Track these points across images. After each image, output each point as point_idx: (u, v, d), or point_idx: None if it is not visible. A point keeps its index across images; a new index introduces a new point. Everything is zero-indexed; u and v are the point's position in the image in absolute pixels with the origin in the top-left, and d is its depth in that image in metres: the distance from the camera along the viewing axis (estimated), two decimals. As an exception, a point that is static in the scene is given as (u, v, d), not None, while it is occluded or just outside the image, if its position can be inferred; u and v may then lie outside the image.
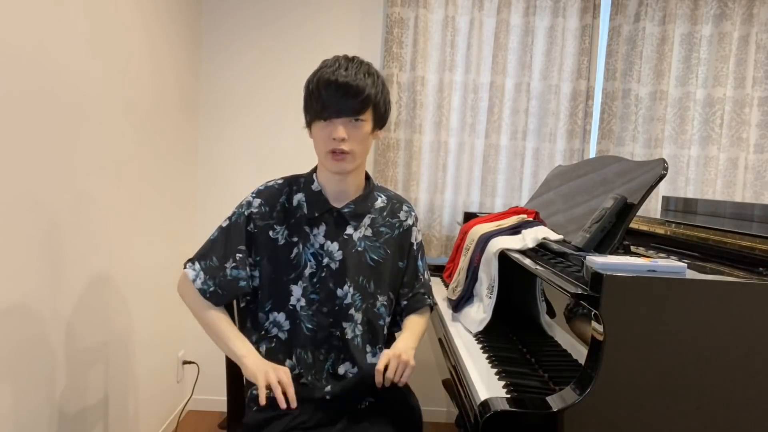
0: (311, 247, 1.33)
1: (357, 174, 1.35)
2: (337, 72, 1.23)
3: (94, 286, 1.76)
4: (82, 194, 1.65)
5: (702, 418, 0.99)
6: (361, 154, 1.30)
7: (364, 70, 1.27)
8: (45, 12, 1.42)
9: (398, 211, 1.43)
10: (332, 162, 1.27)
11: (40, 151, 1.44)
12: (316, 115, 1.26)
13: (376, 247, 1.37)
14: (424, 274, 1.48)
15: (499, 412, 0.98)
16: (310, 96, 1.27)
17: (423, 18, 2.53)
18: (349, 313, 1.32)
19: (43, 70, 1.43)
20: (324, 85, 1.23)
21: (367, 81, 1.25)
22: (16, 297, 1.38)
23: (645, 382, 0.98)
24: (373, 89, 1.26)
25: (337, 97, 1.22)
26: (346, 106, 1.23)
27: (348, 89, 1.22)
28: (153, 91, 2.12)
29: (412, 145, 2.57)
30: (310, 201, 1.34)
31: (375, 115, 1.29)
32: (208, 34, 2.62)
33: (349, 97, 1.23)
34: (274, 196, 1.36)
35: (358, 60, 1.29)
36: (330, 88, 1.23)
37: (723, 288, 0.99)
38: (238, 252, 1.32)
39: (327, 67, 1.26)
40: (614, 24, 2.57)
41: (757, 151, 2.61)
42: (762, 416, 0.99)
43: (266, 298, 1.33)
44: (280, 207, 1.35)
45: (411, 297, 1.45)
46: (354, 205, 1.35)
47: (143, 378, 2.17)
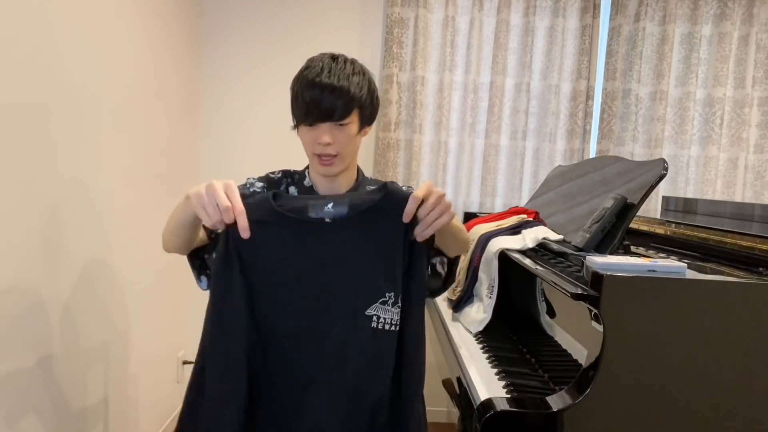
0: None
1: (348, 172, 1.35)
2: (320, 75, 1.19)
3: (94, 286, 1.76)
4: (83, 194, 1.65)
5: (702, 418, 0.99)
6: (348, 155, 1.28)
7: (348, 70, 1.22)
8: (45, 12, 1.42)
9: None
10: (320, 166, 1.27)
11: (40, 153, 1.44)
12: (300, 119, 1.24)
13: None
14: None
15: (499, 412, 0.98)
16: (295, 99, 1.24)
17: (423, 18, 2.53)
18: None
19: (43, 69, 1.43)
20: (306, 88, 1.20)
21: (352, 81, 1.21)
22: (16, 297, 1.38)
23: (645, 382, 0.98)
24: (357, 89, 1.22)
25: (320, 102, 1.18)
26: (329, 111, 1.19)
27: (331, 93, 1.18)
28: (153, 90, 2.12)
29: (412, 145, 2.57)
30: (302, 195, 1.35)
31: (361, 114, 1.26)
32: (208, 34, 2.62)
33: (331, 102, 1.18)
34: (274, 183, 1.36)
35: (342, 58, 1.25)
36: (313, 92, 1.18)
37: (723, 288, 0.99)
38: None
39: (310, 69, 1.22)
40: (614, 24, 2.57)
41: (757, 151, 2.61)
42: (762, 416, 0.99)
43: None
44: None
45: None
46: None
47: (143, 378, 2.17)
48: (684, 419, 0.99)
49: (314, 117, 1.21)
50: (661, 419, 0.98)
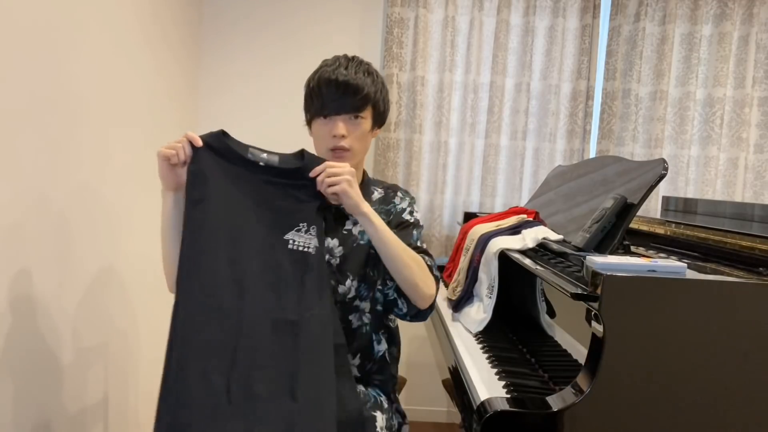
0: None
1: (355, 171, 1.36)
2: (337, 71, 1.26)
3: (94, 286, 1.76)
4: (84, 195, 1.65)
5: (702, 418, 0.99)
6: (360, 152, 1.32)
7: (364, 69, 1.30)
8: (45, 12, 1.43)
9: (393, 197, 1.41)
10: (332, 160, 1.28)
11: (41, 155, 1.44)
12: (316, 112, 1.29)
13: None
14: (419, 242, 1.36)
15: (499, 412, 0.98)
16: (311, 94, 1.30)
17: (423, 18, 2.53)
18: (355, 305, 1.32)
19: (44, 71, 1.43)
20: (324, 83, 1.26)
21: (367, 80, 1.28)
22: (17, 297, 1.38)
23: (645, 382, 0.98)
24: (373, 87, 1.29)
25: (337, 94, 1.25)
26: (346, 103, 1.26)
27: (348, 87, 1.25)
28: (153, 90, 2.11)
29: (412, 145, 2.57)
30: None
31: (374, 113, 1.32)
32: (208, 35, 2.62)
33: (348, 95, 1.26)
34: None
35: (357, 59, 1.32)
36: (330, 86, 1.26)
37: (723, 288, 0.99)
38: None
39: (327, 66, 1.29)
40: (614, 24, 2.57)
41: (757, 151, 2.61)
42: (762, 416, 0.99)
43: None
44: None
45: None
46: None
47: (143, 378, 2.17)
48: (684, 419, 0.99)
49: (331, 109, 1.26)
50: (661, 419, 0.98)
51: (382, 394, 1.38)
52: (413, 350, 2.70)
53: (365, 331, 1.34)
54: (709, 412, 0.99)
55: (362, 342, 1.34)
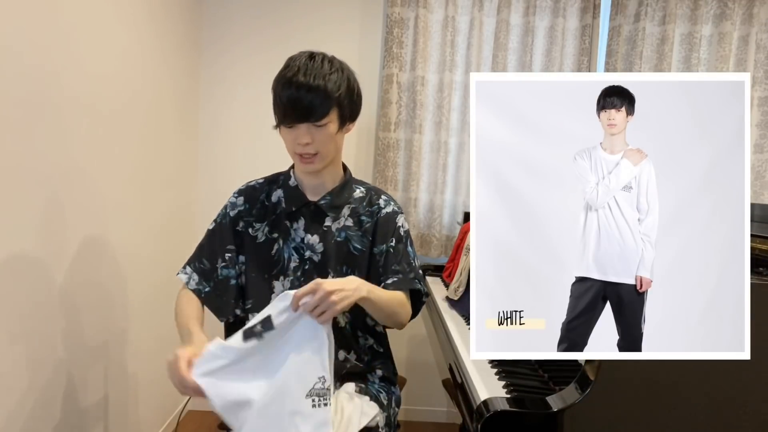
0: (293, 241, 1.34)
1: (332, 167, 1.36)
2: (296, 75, 1.19)
3: (95, 286, 1.76)
4: (84, 195, 1.65)
5: (701, 418, 0.99)
6: (329, 153, 1.28)
7: (326, 69, 1.22)
8: (45, 13, 1.43)
9: (377, 200, 1.40)
10: (301, 165, 1.29)
11: (40, 156, 1.44)
12: (279, 121, 1.25)
13: (359, 236, 1.35)
14: (414, 260, 1.39)
15: (499, 411, 0.98)
16: (275, 100, 1.25)
17: (423, 18, 2.53)
18: None
19: (43, 70, 1.43)
20: (284, 89, 1.21)
21: (329, 80, 1.21)
22: (17, 297, 1.38)
23: (644, 382, 0.98)
24: (335, 88, 1.21)
25: (297, 103, 1.19)
26: (306, 112, 1.20)
27: (307, 93, 1.19)
28: (153, 91, 2.12)
29: (412, 145, 2.57)
30: (288, 196, 1.36)
31: (340, 113, 1.25)
32: (208, 35, 2.62)
33: (308, 103, 1.19)
34: (254, 194, 1.38)
35: (319, 58, 1.24)
36: (290, 93, 1.19)
37: (723, 288, 0.99)
38: (227, 252, 1.34)
39: (288, 68, 1.23)
40: (614, 24, 2.57)
41: (757, 151, 2.61)
42: (761, 415, 0.99)
43: (247, 298, 1.34)
44: (260, 204, 1.37)
45: (401, 279, 1.33)
46: (330, 197, 1.35)
47: (143, 378, 2.17)
48: (684, 419, 0.99)
49: (292, 118, 1.22)
50: (661, 419, 0.98)
51: (383, 391, 1.37)
52: (413, 350, 2.70)
53: (348, 330, 1.35)
54: (708, 411, 0.99)
55: (347, 337, 1.35)
